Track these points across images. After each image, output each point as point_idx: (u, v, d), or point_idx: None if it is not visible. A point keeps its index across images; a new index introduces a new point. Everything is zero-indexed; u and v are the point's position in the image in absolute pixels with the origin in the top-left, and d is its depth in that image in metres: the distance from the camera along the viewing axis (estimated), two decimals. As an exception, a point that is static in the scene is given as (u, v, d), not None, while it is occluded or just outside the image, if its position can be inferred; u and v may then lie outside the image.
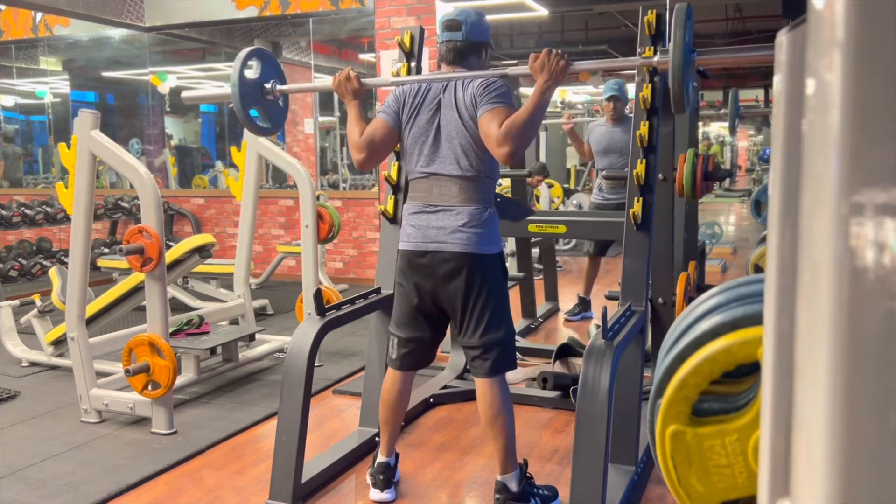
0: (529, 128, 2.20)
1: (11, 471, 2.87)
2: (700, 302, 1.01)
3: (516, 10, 7.78)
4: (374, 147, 2.43)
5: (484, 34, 2.47)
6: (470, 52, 2.44)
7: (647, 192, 2.65)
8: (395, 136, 2.46)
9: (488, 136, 2.23)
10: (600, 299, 4.27)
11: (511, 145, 2.17)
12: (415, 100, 2.43)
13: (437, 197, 2.39)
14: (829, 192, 0.49)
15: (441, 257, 2.37)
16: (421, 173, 2.43)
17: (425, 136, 2.40)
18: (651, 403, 0.99)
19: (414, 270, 2.44)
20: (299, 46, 8.99)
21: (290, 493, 2.52)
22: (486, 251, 2.36)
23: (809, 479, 0.52)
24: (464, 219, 2.35)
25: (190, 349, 3.68)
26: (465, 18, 2.42)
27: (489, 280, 2.38)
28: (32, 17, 7.88)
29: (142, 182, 3.17)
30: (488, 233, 2.38)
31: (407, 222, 2.46)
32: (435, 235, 2.37)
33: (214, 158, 10.94)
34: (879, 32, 0.47)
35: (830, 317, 0.49)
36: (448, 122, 2.37)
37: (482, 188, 2.39)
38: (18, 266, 5.94)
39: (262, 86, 2.58)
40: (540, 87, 2.21)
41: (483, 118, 2.25)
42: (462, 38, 2.41)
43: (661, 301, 3.15)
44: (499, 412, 2.39)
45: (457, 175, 2.36)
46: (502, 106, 2.25)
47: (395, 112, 2.45)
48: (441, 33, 2.46)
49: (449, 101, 2.37)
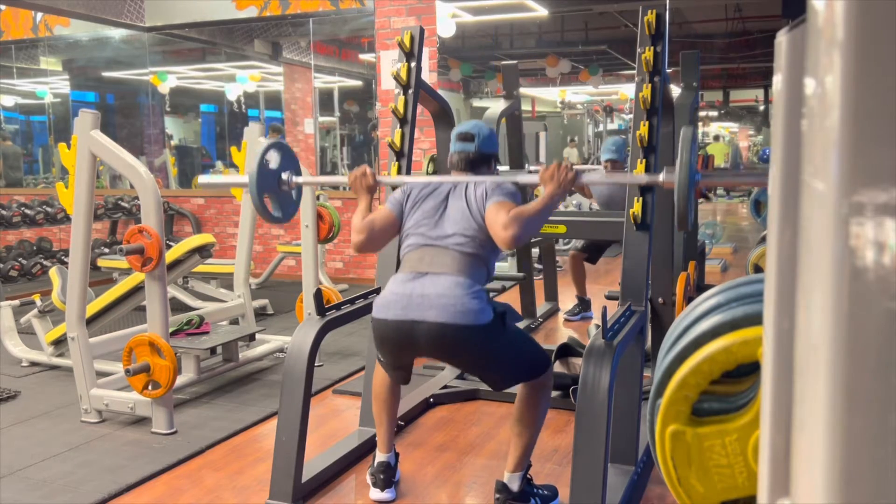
0: (536, 221, 2.29)
1: (11, 471, 2.87)
2: (700, 302, 1.01)
3: (516, 10, 7.78)
4: (374, 231, 2.46)
5: (494, 147, 2.58)
6: (481, 162, 2.52)
7: (647, 192, 2.65)
8: (395, 226, 2.51)
9: (495, 221, 2.28)
10: (600, 299, 4.27)
11: (517, 230, 2.23)
12: (422, 192, 2.50)
13: (427, 265, 2.33)
14: (829, 192, 0.49)
15: (425, 329, 2.23)
16: (416, 245, 2.40)
17: (428, 218, 2.43)
18: (651, 403, 0.99)
19: (392, 343, 2.35)
20: (299, 46, 8.99)
21: (290, 493, 2.52)
22: (473, 322, 2.21)
23: (809, 479, 0.52)
24: (451, 288, 2.24)
25: (190, 349, 3.68)
26: (478, 132, 2.53)
27: (485, 349, 2.28)
28: (32, 17, 7.88)
29: (142, 182, 3.17)
30: (477, 305, 2.23)
31: (387, 289, 2.36)
32: (419, 304, 2.24)
33: (214, 158, 10.96)
34: (879, 32, 0.47)
35: (830, 317, 0.49)
36: (454, 210, 2.41)
37: (476, 269, 2.34)
38: (18, 266, 5.94)
39: (279, 176, 2.64)
40: (549, 194, 2.32)
41: (491, 208, 2.32)
42: (475, 149, 2.51)
43: (661, 301, 3.15)
44: (530, 409, 2.39)
45: (453, 248, 2.35)
46: (512, 202, 2.34)
47: (399, 203, 2.52)
48: (454, 143, 2.55)
49: (459, 194, 2.44)
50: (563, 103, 13.06)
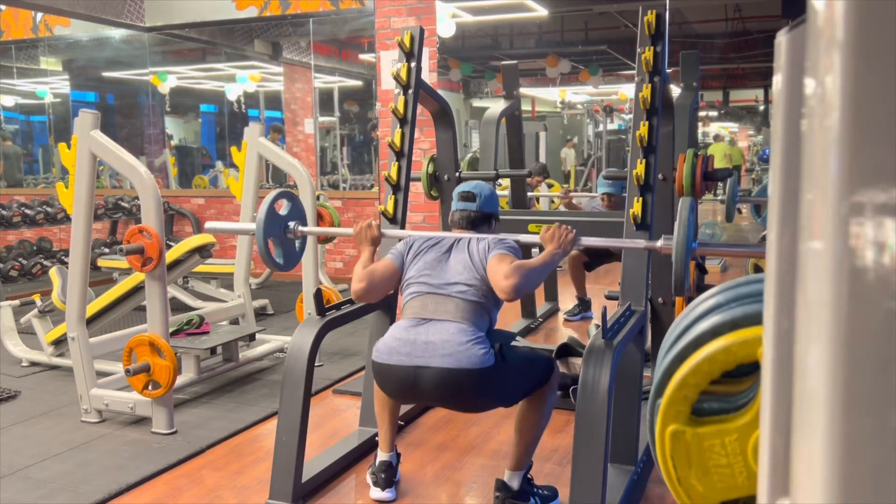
0: (536, 274, 2.37)
1: (11, 471, 2.87)
2: (700, 302, 1.01)
3: (516, 10, 7.78)
4: (374, 280, 2.51)
5: (494, 207, 2.65)
6: (482, 221, 2.59)
7: (646, 192, 2.65)
8: (396, 276, 2.55)
9: (496, 271, 2.33)
10: (600, 299, 4.27)
11: (518, 280, 2.28)
12: (424, 244, 2.55)
13: (430, 311, 2.36)
14: (829, 192, 0.49)
15: (429, 374, 2.24)
16: (419, 293, 2.43)
17: (430, 268, 2.46)
18: (651, 403, 0.99)
19: (394, 387, 2.37)
20: (299, 46, 8.99)
21: (290, 493, 2.52)
22: (477, 366, 2.23)
23: (809, 479, 0.52)
24: (455, 335, 2.26)
25: (190, 349, 3.68)
26: (480, 192, 2.60)
27: (489, 390, 2.31)
28: (32, 17, 7.88)
29: (142, 182, 3.17)
30: (480, 350, 2.25)
31: (389, 335, 2.38)
32: (423, 349, 2.26)
33: (214, 158, 10.95)
34: (879, 32, 0.47)
35: (830, 317, 0.49)
36: (457, 262, 2.46)
37: (479, 316, 2.37)
38: (18, 266, 5.94)
39: (286, 224, 2.66)
40: (549, 253, 2.40)
41: (493, 259, 2.38)
42: (476, 208, 2.58)
43: (661, 301, 3.15)
44: (534, 409, 2.41)
45: (456, 296, 2.38)
46: (513, 255, 2.40)
47: (401, 254, 2.56)
48: (456, 202, 2.62)
49: (461, 248, 2.49)
50: (563, 103, 13.05)
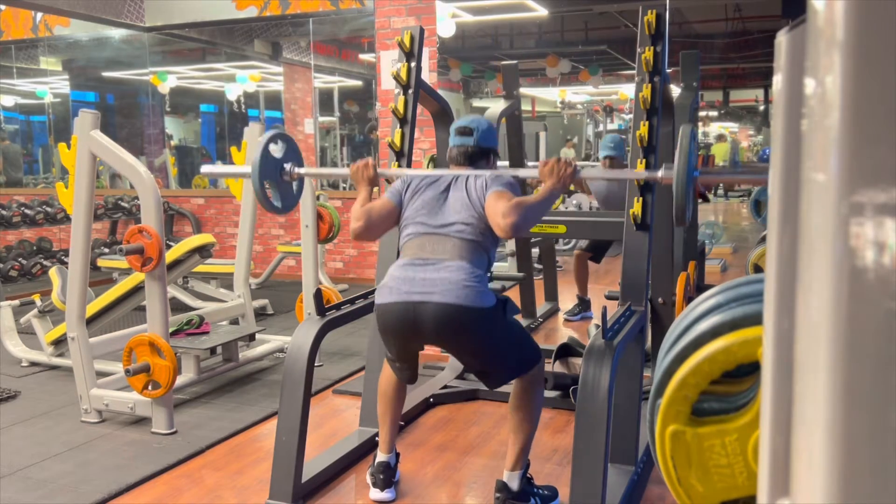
0: (535, 212, 2.32)
1: (11, 471, 2.87)
2: (700, 302, 1.01)
3: (516, 10, 7.78)
4: (372, 219, 2.47)
5: (493, 141, 2.58)
6: (480, 156, 2.53)
7: (646, 192, 2.65)
8: (394, 215, 2.52)
9: (494, 209, 2.29)
10: (600, 299, 4.27)
11: (516, 218, 2.24)
12: (422, 182, 2.52)
13: (429, 252, 2.35)
14: (829, 192, 0.49)
15: (429, 310, 2.25)
16: (417, 233, 2.42)
17: (428, 207, 2.44)
18: (651, 403, 0.99)
19: (395, 328, 2.34)
20: (299, 46, 8.99)
21: (290, 493, 2.52)
22: (478, 304, 2.24)
23: (809, 479, 0.52)
24: (454, 273, 2.27)
25: (190, 349, 3.68)
26: (477, 126, 2.53)
27: (486, 332, 2.30)
28: (32, 17, 7.88)
29: (142, 182, 3.17)
30: (480, 288, 2.27)
31: (389, 276, 2.37)
32: (422, 286, 2.27)
33: (214, 158, 10.95)
34: (879, 32, 0.47)
35: (830, 317, 0.49)
36: (455, 200, 2.43)
37: (478, 255, 2.36)
38: (18, 266, 5.94)
39: (281, 166, 2.64)
40: (548, 188, 2.34)
41: (491, 196, 2.34)
42: (473, 143, 2.52)
43: (661, 301, 3.15)
44: (524, 407, 2.40)
45: (454, 235, 2.37)
46: (511, 192, 2.36)
47: (398, 192, 2.53)
48: (453, 137, 2.56)
49: (459, 186, 2.46)
50: (563, 103, 13.05)
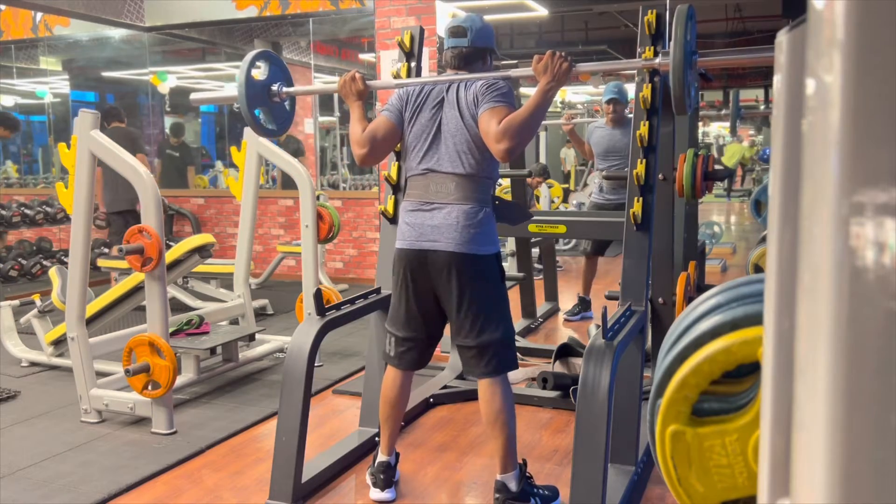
0: (529, 126, 2.21)
1: (11, 471, 2.87)
2: (700, 302, 1.01)
3: (516, 10, 7.77)
4: (376, 142, 2.44)
5: (489, 40, 2.50)
6: (475, 57, 2.46)
7: (647, 192, 2.65)
8: (397, 133, 2.49)
9: (487, 133, 2.25)
10: (600, 299, 4.27)
11: (509, 142, 2.19)
12: (418, 98, 2.46)
13: (433, 194, 2.40)
14: (829, 192, 0.49)
15: (435, 256, 2.37)
16: (419, 170, 2.44)
17: (426, 134, 2.42)
18: (651, 403, 0.99)
19: (409, 269, 2.45)
20: (299, 46, 8.98)
21: (290, 493, 2.52)
22: (480, 251, 2.35)
23: (809, 479, 0.52)
24: (458, 217, 2.35)
25: (190, 349, 3.68)
26: (471, 25, 2.45)
27: (483, 281, 2.38)
28: (32, 17, 7.88)
29: (142, 182, 3.17)
30: (483, 233, 2.37)
31: (403, 219, 2.48)
32: (430, 233, 2.37)
33: (214, 158, 10.94)
34: (879, 32, 0.47)
35: (830, 317, 0.49)
36: (449, 121, 2.39)
37: (480, 188, 2.39)
38: (18, 266, 5.94)
39: (268, 88, 2.59)
40: (542, 87, 2.23)
41: (483, 116, 2.27)
42: (468, 44, 2.45)
43: (661, 301, 3.15)
44: (499, 411, 2.39)
45: (454, 172, 2.37)
46: (503, 105, 2.27)
47: (398, 110, 2.48)
48: (447, 39, 2.48)
49: (451, 100, 2.40)
50: (563, 103, 13.05)
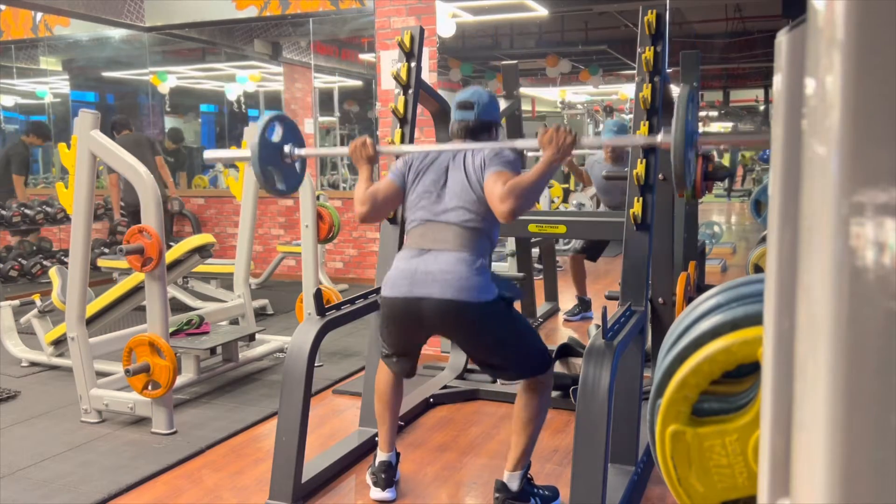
0: (533, 190, 2.27)
1: (11, 471, 2.87)
2: (700, 302, 1.01)
3: (516, 10, 7.78)
4: (377, 201, 2.47)
5: (494, 114, 2.55)
6: (481, 130, 2.51)
7: (647, 192, 2.65)
8: (399, 195, 2.51)
9: (492, 193, 2.27)
10: (600, 299, 4.27)
11: (514, 202, 2.22)
12: (423, 162, 2.50)
13: (430, 241, 2.36)
14: (829, 192, 0.49)
15: (430, 305, 2.27)
16: (419, 221, 2.42)
17: (429, 192, 2.43)
18: (651, 403, 0.99)
19: (398, 320, 2.39)
20: (299, 46, 8.99)
21: (290, 493, 2.52)
22: (481, 298, 2.26)
23: (809, 479, 0.52)
24: (454, 264, 2.28)
25: (190, 349, 3.68)
26: (478, 100, 2.50)
27: (491, 329, 2.31)
28: (32, 17, 7.88)
29: (142, 182, 3.17)
30: (482, 281, 2.27)
31: (393, 267, 2.41)
32: (423, 281, 2.28)
33: (214, 158, 10.92)
34: (879, 32, 0.47)
35: (830, 317, 0.49)
36: (454, 182, 2.41)
37: (479, 242, 2.36)
38: (18, 266, 5.94)
39: (281, 149, 2.64)
40: (547, 158, 2.28)
41: (489, 178, 2.31)
42: (474, 117, 2.49)
43: (661, 301, 3.15)
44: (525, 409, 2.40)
45: (455, 223, 2.36)
46: (510, 171, 2.32)
47: (402, 174, 2.52)
48: (454, 112, 2.53)
49: (458, 165, 2.43)
50: (563, 103, 13.04)
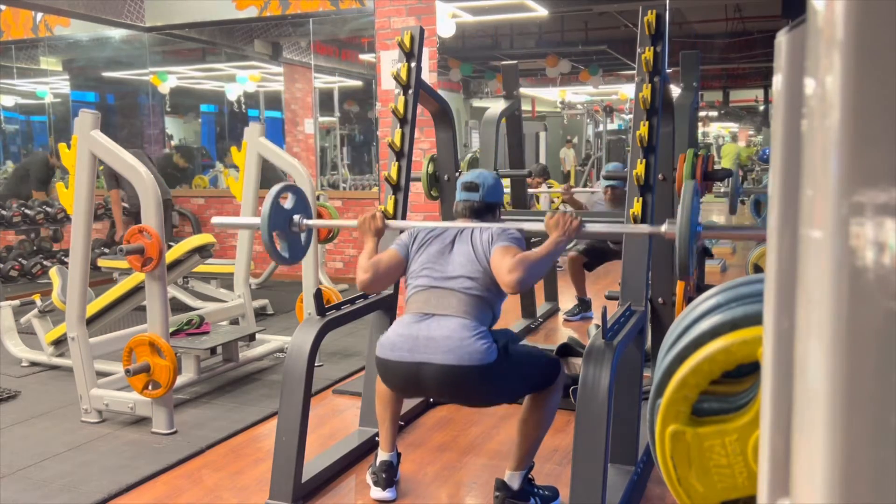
0: (540, 266, 2.32)
1: (11, 471, 2.87)
2: (700, 302, 1.01)
3: (516, 10, 7.78)
4: (379, 271, 2.49)
5: (499, 196, 2.61)
6: (486, 211, 2.56)
7: (647, 192, 2.65)
8: (401, 265, 2.53)
9: (500, 265, 2.30)
10: (600, 299, 4.27)
11: (521, 273, 2.25)
12: (428, 235, 2.53)
13: (433, 306, 2.36)
14: (829, 192, 0.49)
15: (431, 370, 2.26)
16: (422, 286, 2.43)
17: (434, 260, 2.45)
18: (651, 403, 0.99)
19: (395, 384, 2.42)
20: (299, 46, 8.99)
21: (290, 493, 2.52)
22: (484, 361, 2.24)
23: (809, 479, 0.52)
24: (456, 329, 2.27)
25: (190, 349, 3.68)
26: (483, 182, 2.55)
27: (489, 386, 2.31)
28: (32, 17, 7.88)
29: (142, 182, 3.17)
30: (482, 345, 2.25)
31: (392, 330, 2.39)
32: (424, 345, 2.27)
33: (214, 158, 10.94)
34: (879, 32, 0.47)
35: (830, 317, 0.49)
36: (460, 254, 2.44)
37: (482, 310, 2.36)
38: (18, 266, 5.94)
39: (290, 217, 2.66)
40: (554, 240, 2.35)
41: (497, 251, 2.35)
42: (479, 198, 2.54)
43: (661, 301, 3.15)
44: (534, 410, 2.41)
45: (458, 290, 2.37)
46: (517, 246, 2.37)
47: (405, 245, 2.55)
48: (459, 192, 2.58)
49: (465, 239, 2.47)
50: (563, 103, 13.05)
